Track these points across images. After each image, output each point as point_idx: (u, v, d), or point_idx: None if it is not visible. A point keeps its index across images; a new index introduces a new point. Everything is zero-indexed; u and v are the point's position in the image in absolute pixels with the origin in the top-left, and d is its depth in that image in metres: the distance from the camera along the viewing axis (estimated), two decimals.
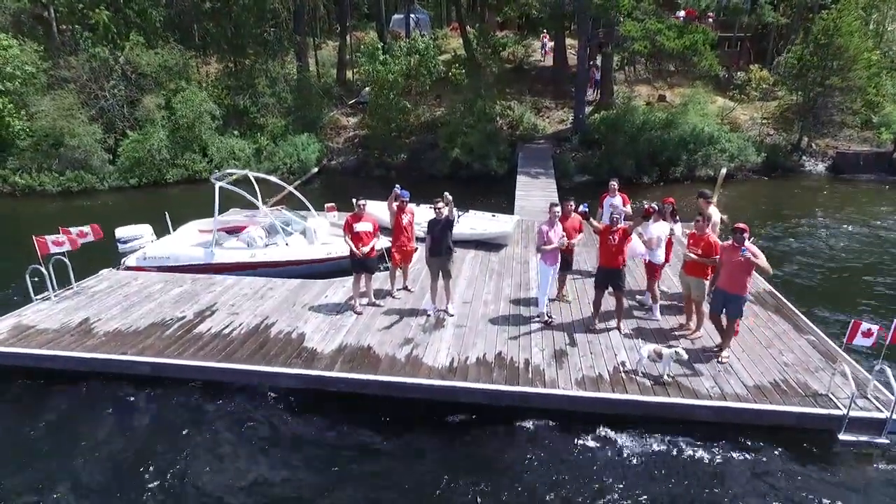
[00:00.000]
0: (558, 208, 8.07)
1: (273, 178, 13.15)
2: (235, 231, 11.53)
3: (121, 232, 11.02)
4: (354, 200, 8.49)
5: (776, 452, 6.21)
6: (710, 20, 26.69)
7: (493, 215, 12.49)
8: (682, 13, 25.76)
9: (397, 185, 8.92)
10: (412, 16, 29.53)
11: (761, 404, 6.36)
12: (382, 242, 9.27)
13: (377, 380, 6.92)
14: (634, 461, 6.12)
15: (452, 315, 8.49)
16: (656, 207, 8.08)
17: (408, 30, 28.00)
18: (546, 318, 8.23)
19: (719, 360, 7.15)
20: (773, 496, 5.69)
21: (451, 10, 36.54)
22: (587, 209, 8.52)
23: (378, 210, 10.13)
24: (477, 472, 6.02)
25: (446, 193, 8.34)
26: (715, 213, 7.93)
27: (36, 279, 9.03)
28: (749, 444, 6.31)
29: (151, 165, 19.57)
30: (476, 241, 11.50)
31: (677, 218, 9.22)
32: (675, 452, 6.22)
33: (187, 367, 7.29)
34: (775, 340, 7.76)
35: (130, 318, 8.50)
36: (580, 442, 6.39)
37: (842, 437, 6.16)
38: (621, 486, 5.81)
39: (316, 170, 21.36)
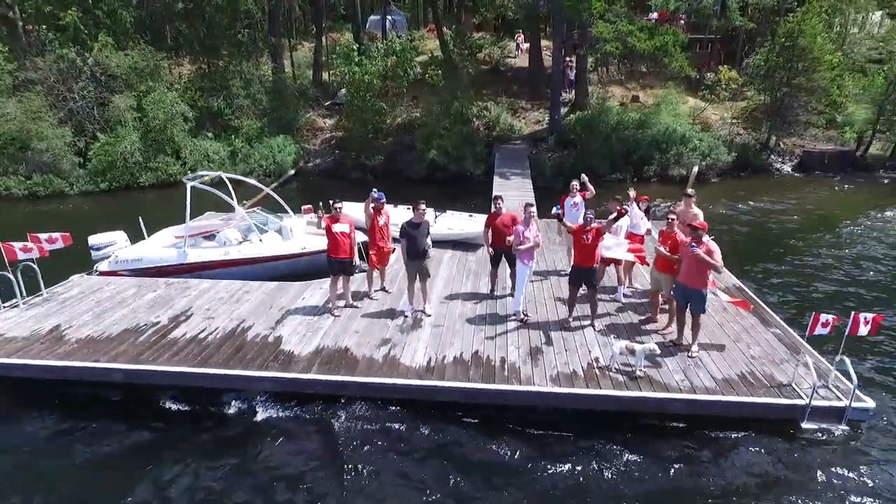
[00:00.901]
0: (533, 208, 8.24)
1: (249, 180, 13.07)
2: (211, 237, 11.40)
3: (94, 239, 10.84)
4: (331, 202, 8.50)
5: (743, 442, 6.42)
6: (682, 22, 27.28)
7: (471, 215, 12.58)
8: (654, 15, 26.31)
9: (374, 189, 8.95)
10: (388, 17, 29.50)
11: (729, 396, 6.57)
12: (360, 236, 9.31)
13: (355, 381, 6.95)
14: (607, 455, 6.27)
15: (430, 315, 8.55)
16: (627, 209, 8.30)
17: (384, 31, 27.98)
18: (522, 316, 8.35)
19: (689, 354, 7.35)
20: (739, 484, 5.88)
21: (428, 11, 36.60)
22: (560, 211, 8.70)
23: (355, 211, 10.12)
24: (454, 470, 6.10)
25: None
26: (699, 212, 8.24)
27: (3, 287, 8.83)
28: (718, 434, 6.51)
29: (124, 169, 19.19)
30: (453, 242, 11.59)
31: (651, 216, 9.48)
32: (646, 445, 6.39)
33: (162, 373, 7.20)
34: (743, 334, 8.00)
35: (103, 325, 8.36)
36: (554, 437, 6.52)
37: (805, 425, 6.42)
38: (594, 479, 5.95)
39: (292, 172, 21.22)
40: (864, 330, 6.32)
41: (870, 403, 6.45)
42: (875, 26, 27.79)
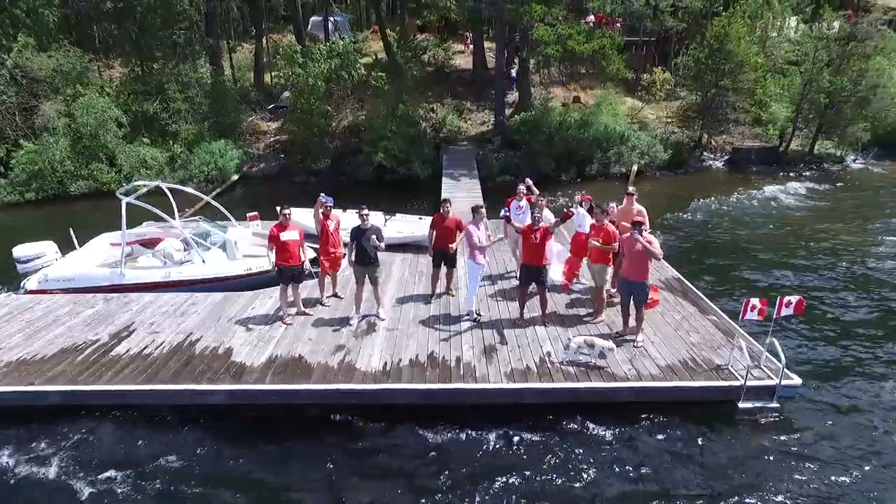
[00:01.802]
0: (483, 210, 8.41)
1: (188, 189, 12.61)
2: (150, 244, 10.92)
3: (19, 251, 10.12)
4: (279, 209, 8.34)
5: (687, 423, 6.81)
6: (619, 25, 28.32)
7: (420, 218, 12.65)
8: (591, 18, 27.21)
9: (322, 193, 8.85)
10: (331, 18, 29.07)
11: (673, 382, 6.94)
12: (309, 254, 9.13)
13: (309, 389, 6.88)
14: (557, 443, 6.49)
15: (384, 319, 8.55)
16: (574, 211, 8.62)
17: (327, 32, 27.57)
18: (475, 315, 8.50)
19: (635, 344, 7.72)
20: (684, 463, 6.24)
21: (372, 12, 36.36)
22: (507, 213, 8.91)
23: (303, 217, 9.96)
24: (414, 473, 6.15)
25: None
26: (642, 208, 8.61)
27: None
28: (664, 418, 6.87)
29: (52, 178, 18.08)
30: (404, 245, 11.61)
31: (594, 214, 9.84)
32: (596, 433, 6.66)
33: (104, 393, 6.90)
34: (683, 323, 8.45)
35: (35, 346, 7.89)
36: (511, 431, 6.67)
37: (741, 404, 6.87)
38: (550, 468, 6.15)
39: (236, 177, 20.59)
40: (787, 311, 6.82)
41: (797, 381, 6.98)
42: (791, 30, 29.79)
